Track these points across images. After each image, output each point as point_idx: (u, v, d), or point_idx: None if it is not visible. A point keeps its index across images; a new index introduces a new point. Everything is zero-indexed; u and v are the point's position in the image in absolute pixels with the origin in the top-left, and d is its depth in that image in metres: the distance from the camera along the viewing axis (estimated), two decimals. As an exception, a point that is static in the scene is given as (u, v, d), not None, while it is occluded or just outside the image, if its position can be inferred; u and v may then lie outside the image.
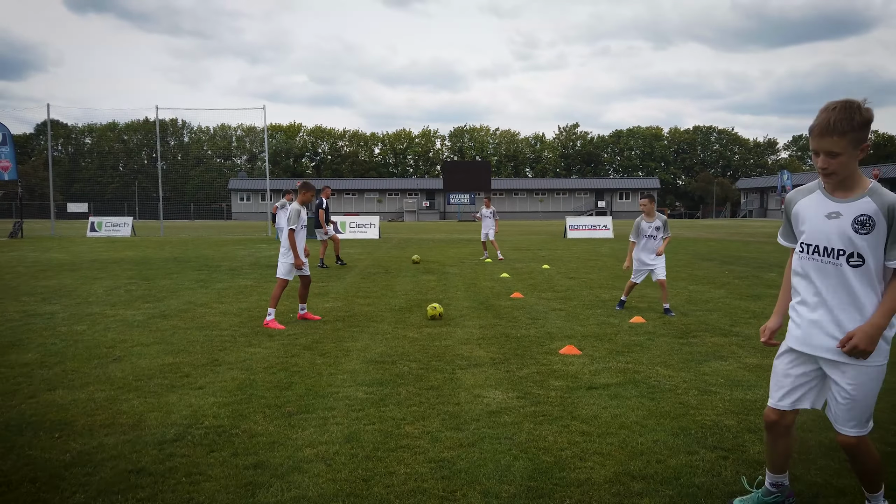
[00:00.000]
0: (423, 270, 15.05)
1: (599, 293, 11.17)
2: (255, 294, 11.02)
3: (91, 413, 4.69)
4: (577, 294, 11.08)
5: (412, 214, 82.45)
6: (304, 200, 8.67)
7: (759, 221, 66.31)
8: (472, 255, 19.80)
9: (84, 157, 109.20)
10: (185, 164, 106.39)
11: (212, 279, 13.23)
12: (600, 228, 32.06)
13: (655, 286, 11.42)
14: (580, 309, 9.49)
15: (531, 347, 6.92)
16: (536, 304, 10.00)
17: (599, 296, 10.84)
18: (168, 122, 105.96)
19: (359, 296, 10.85)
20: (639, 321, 8.43)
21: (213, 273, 14.45)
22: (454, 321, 8.47)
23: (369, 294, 11.05)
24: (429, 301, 10.20)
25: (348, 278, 13.43)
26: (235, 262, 17.45)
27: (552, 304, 10.01)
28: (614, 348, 6.87)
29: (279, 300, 8.60)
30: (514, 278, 13.47)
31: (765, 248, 22.56)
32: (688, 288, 11.81)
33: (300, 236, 8.57)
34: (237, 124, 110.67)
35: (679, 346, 6.99)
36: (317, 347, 6.91)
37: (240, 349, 6.82)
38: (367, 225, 31.89)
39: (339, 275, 14.13)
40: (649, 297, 10.59)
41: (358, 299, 10.46)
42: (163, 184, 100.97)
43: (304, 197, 8.68)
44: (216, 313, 9.05)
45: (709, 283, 12.44)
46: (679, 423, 4.46)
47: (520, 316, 8.88)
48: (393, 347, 6.92)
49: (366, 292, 11.28)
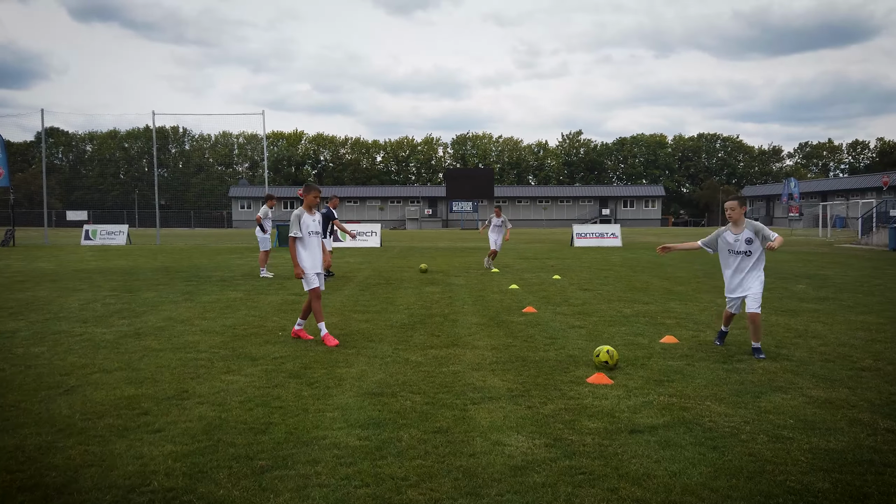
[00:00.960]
0: (426, 281, 14.11)
1: (619, 307, 10.21)
2: (243, 308, 10.08)
3: (12, 469, 3.74)
4: (595, 308, 10.12)
5: (414, 222, 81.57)
6: (310, 203, 7.71)
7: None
8: (477, 264, 18.86)
9: (85, 165, 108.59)
10: (186, 171, 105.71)
11: (199, 291, 12.30)
12: (608, 236, 31.10)
13: (676, 300, 10.45)
14: (602, 326, 8.53)
15: (553, 374, 5.96)
16: (552, 320, 9.04)
17: (620, 310, 9.88)
18: (170, 129, 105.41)
19: (356, 310, 9.90)
20: (671, 341, 7.47)
21: (202, 284, 13.52)
22: (462, 341, 7.52)
23: (368, 308, 10.10)
24: (434, 317, 9.25)
25: (346, 290, 12.49)
26: (228, 271, 16.51)
27: (569, 320, 9.05)
28: (651, 376, 5.91)
29: (320, 312, 7.64)
30: (525, 290, 12.53)
31: (783, 258, 21.58)
32: (715, 302, 10.86)
33: (311, 243, 7.63)
34: (239, 131, 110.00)
35: (725, 373, 6.03)
36: (305, 375, 5.96)
37: (215, 377, 5.87)
38: (368, 233, 30.97)
39: (337, 286, 13.19)
40: (676, 313, 9.63)
41: (355, 314, 9.51)
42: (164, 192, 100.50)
43: (309, 199, 7.72)
44: (196, 331, 8.10)
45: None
46: (757, 486, 3.50)
47: (536, 335, 7.93)
48: (393, 375, 5.96)
49: (364, 306, 10.34)
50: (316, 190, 7.76)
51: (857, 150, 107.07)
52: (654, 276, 15.13)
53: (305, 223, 7.65)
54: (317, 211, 7.80)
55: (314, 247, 7.70)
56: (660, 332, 8.09)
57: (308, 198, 7.73)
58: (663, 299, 11.14)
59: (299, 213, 7.67)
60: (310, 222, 7.67)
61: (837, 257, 22.19)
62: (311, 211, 7.75)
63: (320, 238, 7.80)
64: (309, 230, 7.68)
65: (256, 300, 10.99)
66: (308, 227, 7.67)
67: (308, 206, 7.74)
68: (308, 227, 7.66)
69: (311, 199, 7.75)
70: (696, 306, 10.30)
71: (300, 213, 7.68)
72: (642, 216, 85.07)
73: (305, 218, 7.66)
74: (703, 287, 12.93)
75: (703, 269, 16.68)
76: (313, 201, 7.76)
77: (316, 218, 7.74)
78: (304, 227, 7.64)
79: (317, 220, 7.75)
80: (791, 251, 25.22)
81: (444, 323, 8.78)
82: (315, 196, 7.76)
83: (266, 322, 8.83)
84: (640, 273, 16.12)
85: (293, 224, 7.65)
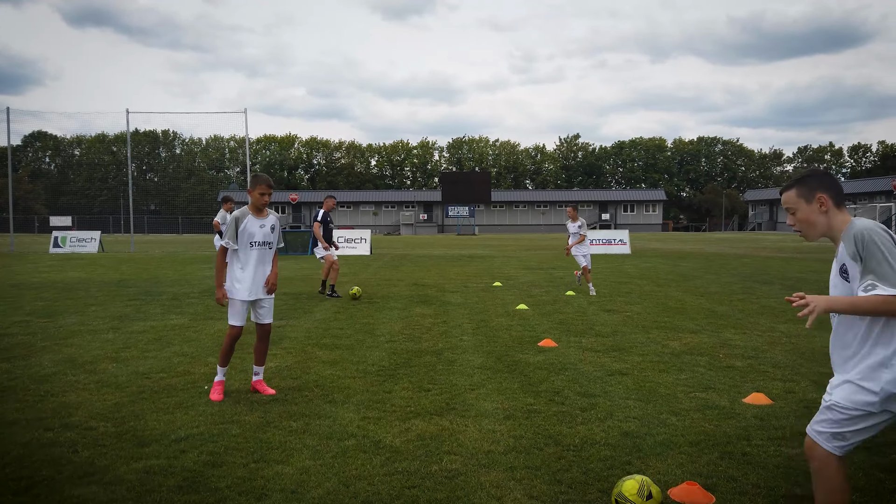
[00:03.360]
0: (416, 299, 11.83)
1: (662, 338, 7.96)
2: (176, 342, 7.78)
3: None
4: (630, 340, 7.87)
5: (409, 228, 79.25)
6: (257, 203, 5.49)
7: (773, 235, 63.18)
8: (476, 276, 16.58)
9: (73, 170, 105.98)
10: (176, 176, 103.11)
11: (136, 315, 9.99)
12: (616, 243, 28.85)
13: (728, 326, 8.18)
14: (651, 372, 6.27)
15: (610, 475, 3.70)
16: (580, 361, 6.78)
17: (665, 344, 7.62)
18: (160, 133, 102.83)
19: (323, 344, 7.62)
20: (761, 401, 5.21)
21: (145, 304, 11.20)
22: (462, 400, 5.25)
23: (338, 342, 7.82)
24: (423, 355, 6.99)
25: (317, 313, 10.20)
26: (188, 286, 14.20)
27: (604, 360, 6.79)
28: (768, 482, 3.65)
29: (228, 355, 5.56)
30: (535, 311, 10.27)
31: (812, 266, 19.37)
32: (777, 329, 8.62)
33: (251, 258, 5.45)
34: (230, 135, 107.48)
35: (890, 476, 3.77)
36: (203, 481, 3.68)
37: (55, 490, 3.58)
38: (357, 240, 28.67)
39: (307, 307, 10.90)
40: (739, 347, 7.37)
41: (320, 352, 7.23)
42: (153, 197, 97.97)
43: (255, 197, 5.49)
44: (90, 385, 5.81)
45: (800, 322, 9.24)
46: None
47: (564, 388, 5.66)
48: (350, 481, 3.69)
49: (334, 338, 8.06)
50: (264, 185, 5.49)
51: (858, 154, 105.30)
52: (684, 292, 12.88)
53: (248, 230, 5.41)
54: (270, 213, 5.56)
55: (255, 264, 5.46)
56: (736, 382, 5.84)
57: (254, 195, 5.49)
58: (711, 326, 8.90)
59: (239, 216, 5.44)
60: (255, 229, 5.45)
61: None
62: (259, 213, 5.52)
63: (269, 252, 5.55)
64: (252, 240, 5.44)
65: (199, 329, 8.69)
66: (252, 237, 5.43)
67: (255, 206, 5.50)
68: (252, 235, 5.43)
69: (258, 196, 5.50)
70: (760, 337, 8.06)
71: (241, 216, 5.44)
72: (643, 221, 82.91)
73: (249, 223, 5.42)
74: (750, 307, 10.68)
75: (737, 281, 14.42)
76: (261, 200, 5.51)
77: (266, 223, 5.49)
78: (244, 236, 5.41)
79: (267, 227, 5.50)
80: (816, 259, 23.03)
81: (437, 365, 6.52)
82: (263, 193, 5.50)
83: (195, 365, 6.54)
84: (665, 287, 13.87)
85: (228, 229, 5.43)
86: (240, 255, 5.42)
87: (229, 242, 5.39)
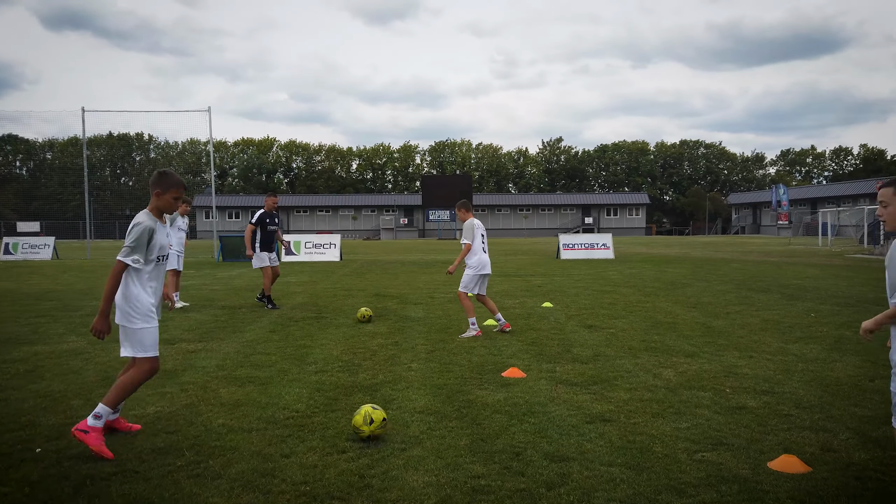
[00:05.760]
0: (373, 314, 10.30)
1: (653, 365, 6.54)
2: (48, 376, 6.23)
3: None
4: (615, 367, 6.45)
5: (389, 232, 77.62)
6: (163, 206, 4.21)
7: (758, 238, 62.43)
8: (445, 284, 15.10)
9: (44, 174, 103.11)
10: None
11: (31, 336, 8.40)
12: (599, 248, 27.50)
13: (729, 346, 6.72)
14: (643, 416, 4.84)
15: None
16: (551, 400, 5.33)
17: (658, 374, 6.20)
18: (134, 136, 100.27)
19: (233, 378, 6.10)
20: (794, 467, 3.79)
21: (52, 322, 9.57)
22: (383, 473, 3.78)
23: (253, 374, 6.30)
24: (354, 392, 5.52)
25: (249, 331, 8.67)
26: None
27: (581, 397, 5.36)
28: None
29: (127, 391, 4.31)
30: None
31: (806, 272, 18.13)
32: (787, 350, 7.25)
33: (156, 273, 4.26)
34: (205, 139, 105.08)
35: None
36: None
37: None
38: (326, 245, 27.09)
39: (240, 325, 9.35)
40: (748, 378, 5.96)
41: (224, 389, 5.70)
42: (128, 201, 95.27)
43: (165, 200, 4.22)
44: None
45: (812, 340, 7.87)
46: None
47: (528, 446, 4.21)
48: None
49: (254, 366, 6.54)
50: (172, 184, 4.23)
51: (840, 157, 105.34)
52: (674, 303, 11.51)
53: (158, 243, 4.05)
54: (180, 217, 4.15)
55: (158, 278, 4.22)
56: (754, 434, 4.42)
57: (165, 197, 4.20)
58: (710, 346, 7.50)
59: (150, 226, 4.07)
60: (163, 240, 4.15)
61: (877, 272, 18.73)
62: (165, 220, 4.23)
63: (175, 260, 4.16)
64: (159, 254, 4.15)
65: (91, 356, 7.13)
66: (161, 250, 4.16)
67: (157, 208, 4.21)
68: (162, 248, 4.15)
69: (169, 199, 4.21)
70: (770, 362, 6.67)
71: (151, 226, 4.05)
72: (626, 224, 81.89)
73: (159, 235, 4.03)
74: (751, 321, 9.32)
75: (731, 289, 13.08)
76: (170, 203, 4.22)
77: (173, 230, 4.08)
78: (154, 250, 4.11)
79: (171, 234, 4.08)
80: (809, 263, 21.85)
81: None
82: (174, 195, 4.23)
83: (49, 413, 4.99)
84: (653, 297, 12.49)
85: (138, 244, 4.06)
86: (143, 272, 4.14)
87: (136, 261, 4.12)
